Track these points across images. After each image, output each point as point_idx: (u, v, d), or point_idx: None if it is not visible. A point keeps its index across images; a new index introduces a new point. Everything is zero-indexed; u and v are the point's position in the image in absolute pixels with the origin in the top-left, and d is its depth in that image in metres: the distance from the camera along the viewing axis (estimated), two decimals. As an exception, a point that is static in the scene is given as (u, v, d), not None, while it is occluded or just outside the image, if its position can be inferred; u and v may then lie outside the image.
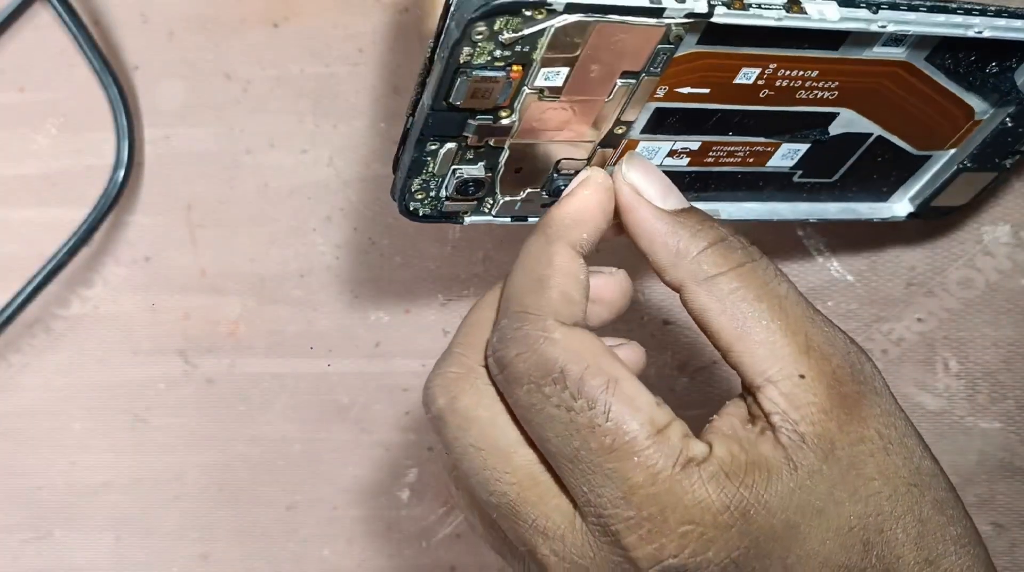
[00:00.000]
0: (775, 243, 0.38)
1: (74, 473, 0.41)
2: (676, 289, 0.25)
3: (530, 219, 0.30)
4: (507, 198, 0.29)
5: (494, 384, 0.25)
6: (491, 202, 0.29)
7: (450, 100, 0.24)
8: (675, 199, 0.26)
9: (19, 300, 0.38)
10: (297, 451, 0.41)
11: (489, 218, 0.29)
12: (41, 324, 0.40)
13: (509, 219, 0.30)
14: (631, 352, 0.28)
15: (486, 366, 0.25)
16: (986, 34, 0.25)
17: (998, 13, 0.26)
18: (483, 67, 0.23)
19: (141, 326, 0.40)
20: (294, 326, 0.40)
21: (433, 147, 0.26)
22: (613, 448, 0.22)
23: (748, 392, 0.24)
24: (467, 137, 0.25)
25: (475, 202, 0.29)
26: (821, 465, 0.23)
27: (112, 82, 0.37)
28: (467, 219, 0.29)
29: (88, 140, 0.39)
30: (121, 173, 0.38)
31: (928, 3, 0.24)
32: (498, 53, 0.23)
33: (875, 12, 0.24)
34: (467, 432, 0.25)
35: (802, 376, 0.23)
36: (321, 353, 0.40)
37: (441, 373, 0.26)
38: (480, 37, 0.22)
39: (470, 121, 0.25)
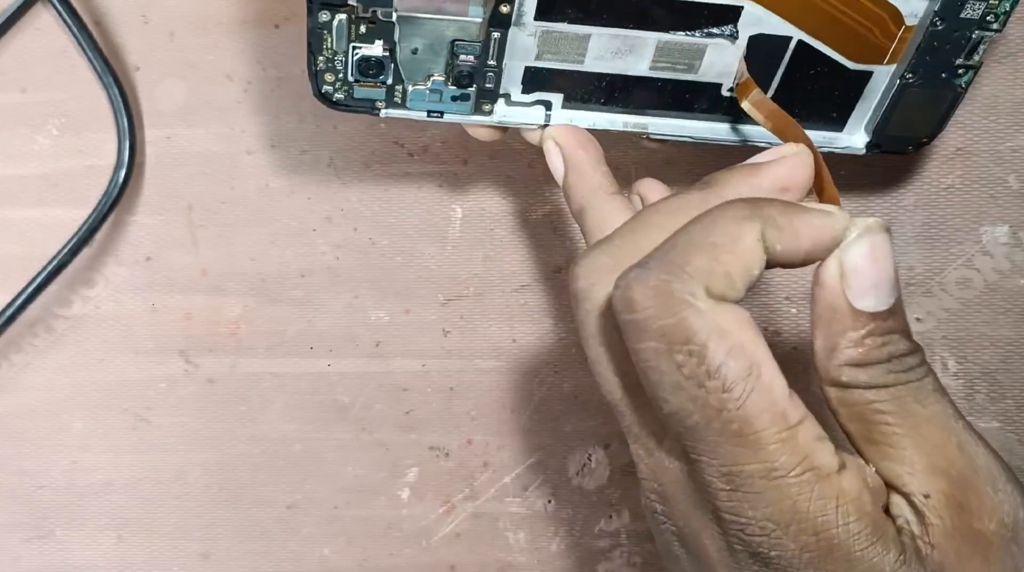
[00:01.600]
0: None
1: (75, 472, 0.42)
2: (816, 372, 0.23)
3: (447, 116, 0.31)
4: (414, 86, 0.30)
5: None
6: (400, 91, 0.30)
7: None
8: (880, 298, 0.22)
9: (20, 300, 0.38)
10: (297, 450, 0.41)
11: (404, 111, 0.30)
12: (42, 324, 0.41)
13: (425, 114, 0.30)
14: (792, 164, 0.26)
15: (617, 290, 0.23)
16: None
17: None
18: None
19: (142, 326, 0.41)
20: (294, 326, 0.40)
21: (325, 18, 0.27)
22: (738, 434, 0.21)
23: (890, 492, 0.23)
24: (353, 6, 0.27)
25: (383, 88, 0.30)
26: None
27: (113, 83, 0.38)
28: (383, 112, 0.30)
29: (89, 140, 0.39)
30: (122, 173, 0.38)
31: None
32: None
33: None
34: (592, 324, 0.24)
35: (927, 496, 0.22)
36: (321, 353, 0.41)
37: (593, 256, 0.24)
38: None
39: None
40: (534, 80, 0.30)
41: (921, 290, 0.39)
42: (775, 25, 0.28)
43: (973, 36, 0.28)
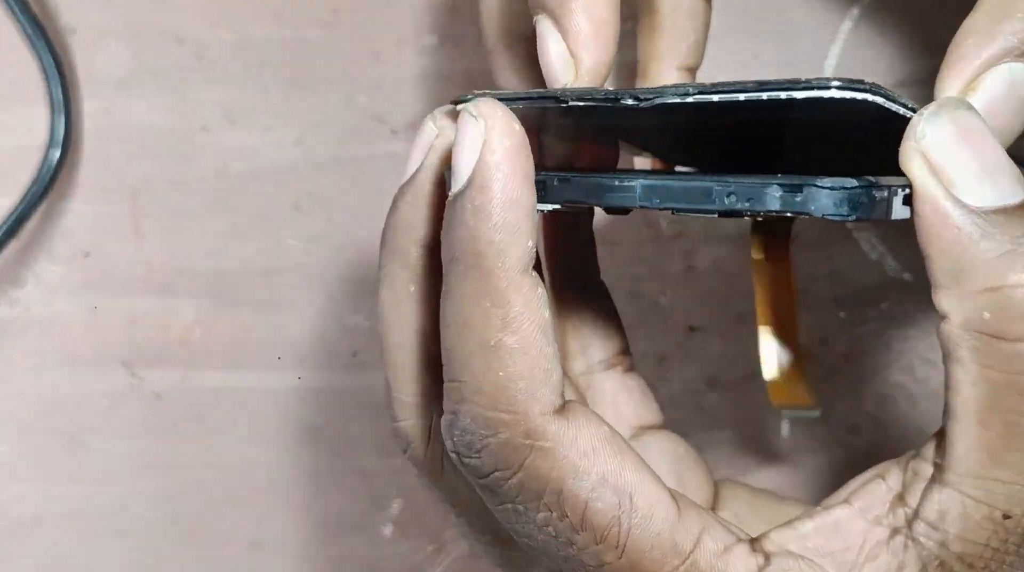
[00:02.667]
0: (817, 234, 0.36)
1: (1, 505, 0.41)
2: (941, 315, 0.20)
3: None
4: None
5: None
6: None
7: None
8: (1002, 188, 0.19)
9: (-64, 302, 0.38)
10: (262, 479, 0.40)
11: None
12: None
13: None
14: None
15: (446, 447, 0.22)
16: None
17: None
18: None
19: (80, 332, 0.40)
20: (258, 333, 0.40)
21: None
22: None
23: (933, 467, 0.20)
24: None
25: None
26: None
27: (45, 48, 0.37)
28: None
29: (18, 116, 0.38)
30: (56, 153, 0.37)
31: None
32: None
33: None
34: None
35: (1008, 517, 0.19)
36: (290, 364, 0.40)
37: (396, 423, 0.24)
38: None
39: None
40: None
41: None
42: None
43: None
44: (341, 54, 0.38)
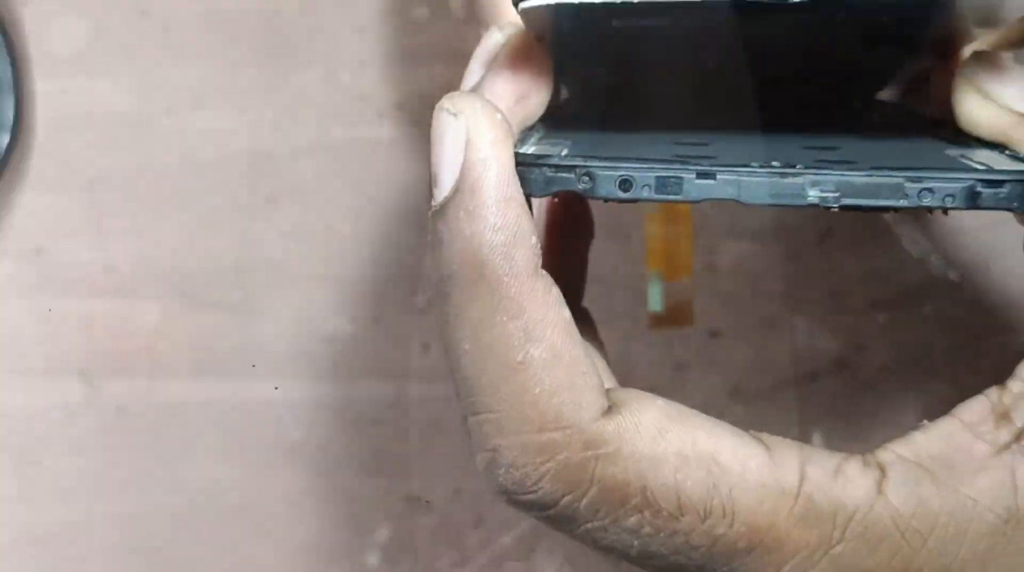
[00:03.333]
0: (849, 231, 0.36)
1: None
2: None
3: None
4: None
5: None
6: None
7: None
8: None
9: None
10: (234, 501, 0.39)
11: None
12: None
13: None
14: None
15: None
16: None
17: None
18: None
19: (31, 338, 0.39)
20: (229, 339, 0.39)
21: None
22: (751, 547, 0.20)
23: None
24: None
25: None
26: None
27: None
28: None
29: None
30: (5, 139, 0.37)
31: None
32: None
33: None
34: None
35: None
36: (265, 373, 0.39)
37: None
38: None
39: None
40: None
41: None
42: None
43: None
44: (322, 27, 0.37)
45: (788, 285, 0.36)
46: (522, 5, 0.20)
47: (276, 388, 0.38)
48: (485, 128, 0.19)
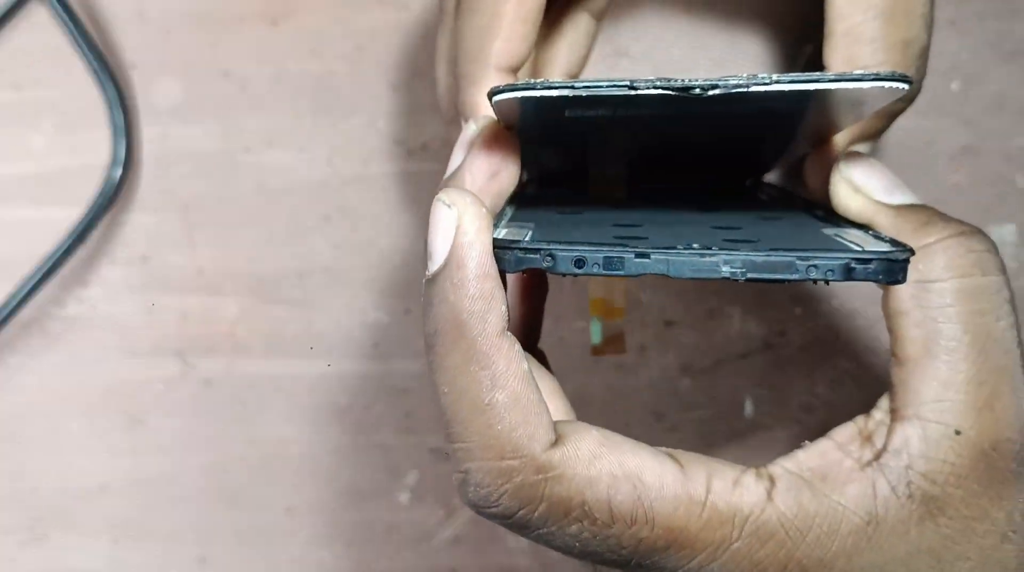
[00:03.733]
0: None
1: (70, 475, 0.42)
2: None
3: None
4: None
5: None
6: None
7: None
8: (902, 194, 0.24)
9: (15, 301, 0.39)
10: (295, 453, 0.41)
11: None
12: (37, 325, 0.41)
13: None
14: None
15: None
16: None
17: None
18: None
19: (138, 327, 0.41)
20: (292, 327, 0.40)
21: None
22: (669, 545, 0.21)
23: (890, 414, 0.23)
24: None
25: None
26: (911, 528, 0.21)
27: (109, 80, 0.38)
28: None
29: (85, 139, 0.39)
30: (118, 172, 0.39)
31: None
32: None
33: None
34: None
35: (958, 432, 0.21)
36: (320, 354, 0.40)
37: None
38: None
39: None
40: None
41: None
42: None
43: None
44: (365, 85, 0.38)
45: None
46: (495, 98, 0.21)
47: (328, 365, 0.40)
48: (471, 218, 0.21)
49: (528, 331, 0.28)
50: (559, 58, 0.32)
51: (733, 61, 0.37)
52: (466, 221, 0.21)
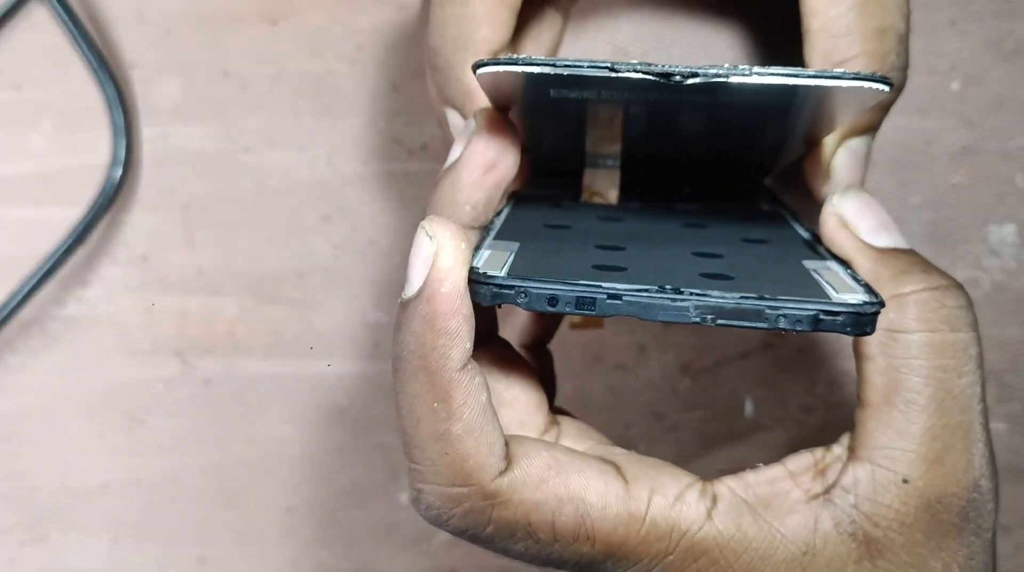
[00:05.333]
0: None
1: (70, 475, 0.42)
2: None
3: None
4: None
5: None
6: None
7: None
8: (889, 237, 0.24)
9: (15, 300, 0.39)
10: (296, 453, 0.41)
11: None
12: (37, 324, 0.41)
13: None
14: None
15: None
16: None
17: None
18: None
19: (138, 326, 0.41)
20: (292, 327, 0.40)
21: None
22: (608, 559, 0.23)
23: (847, 452, 0.23)
24: None
25: None
26: (848, 565, 0.22)
27: (109, 80, 0.38)
28: None
29: (85, 139, 0.40)
30: (118, 172, 0.39)
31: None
32: None
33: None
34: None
35: (906, 481, 0.22)
36: (320, 354, 0.41)
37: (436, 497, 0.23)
38: None
39: None
40: None
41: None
42: None
43: None
44: (365, 85, 0.38)
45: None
46: (479, 71, 0.21)
47: (328, 365, 0.40)
48: (448, 253, 0.21)
49: (542, 331, 0.29)
50: (525, 52, 0.32)
51: (734, 63, 0.37)
52: (442, 257, 0.21)
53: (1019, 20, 0.36)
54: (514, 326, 0.31)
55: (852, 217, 0.24)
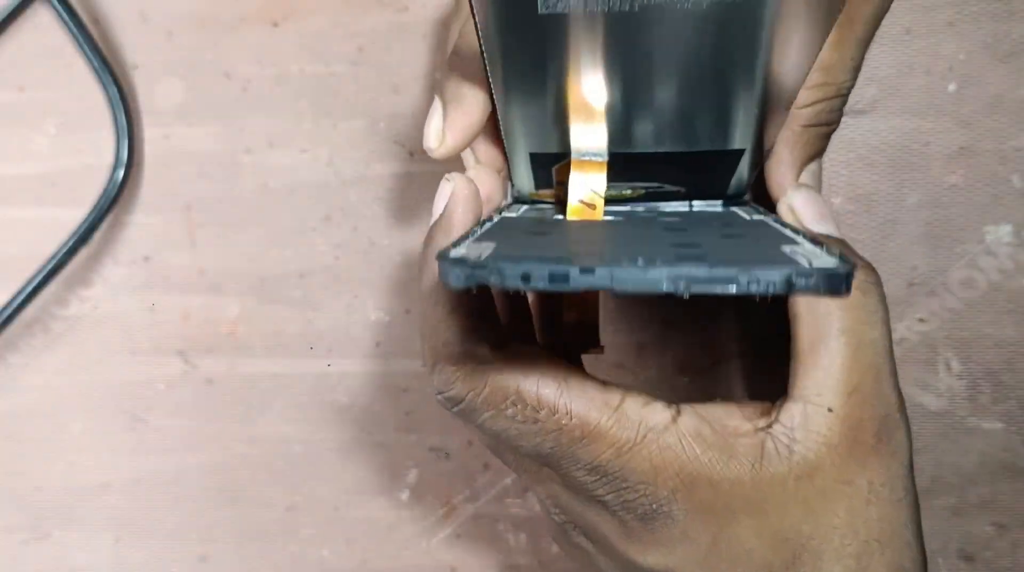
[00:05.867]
0: None
1: (73, 474, 0.42)
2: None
3: None
4: None
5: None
6: None
7: None
8: (825, 226, 0.28)
9: (18, 300, 0.39)
10: (297, 451, 0.41)
11: None
12: (40, 324, 0.41)
13: None
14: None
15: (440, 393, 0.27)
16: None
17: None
18: None
19: (140, 326, 0.41)
20: (294, 326, 0.41)
21: None
22: (582, 436, 0.25)
23: (784, 396, 0.27)
24: None
25: None
26: (789, 480, 0.26)
27: (111, 81, 0.39)
28: None
29: (87, 140, 0.40)
30: (121, 172, 0.39)
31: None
32: None
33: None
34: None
35: (831, 410, 0.26)
36: (321, 353, 0.41)
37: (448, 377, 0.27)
38: None
39: None
40: None
41: (924, 290, 0.38)
42: None
43: None
44: (366, 87, 0.39)
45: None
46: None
47: (329, 364, 0.40)
48: (460, 188, 0.27)
49: (584, 334, 0.32)
50: None
51: None
52: (457, 191, 0.27)
53: (1016, 22, 0.36)
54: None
55: (799, 206, 0.28)
